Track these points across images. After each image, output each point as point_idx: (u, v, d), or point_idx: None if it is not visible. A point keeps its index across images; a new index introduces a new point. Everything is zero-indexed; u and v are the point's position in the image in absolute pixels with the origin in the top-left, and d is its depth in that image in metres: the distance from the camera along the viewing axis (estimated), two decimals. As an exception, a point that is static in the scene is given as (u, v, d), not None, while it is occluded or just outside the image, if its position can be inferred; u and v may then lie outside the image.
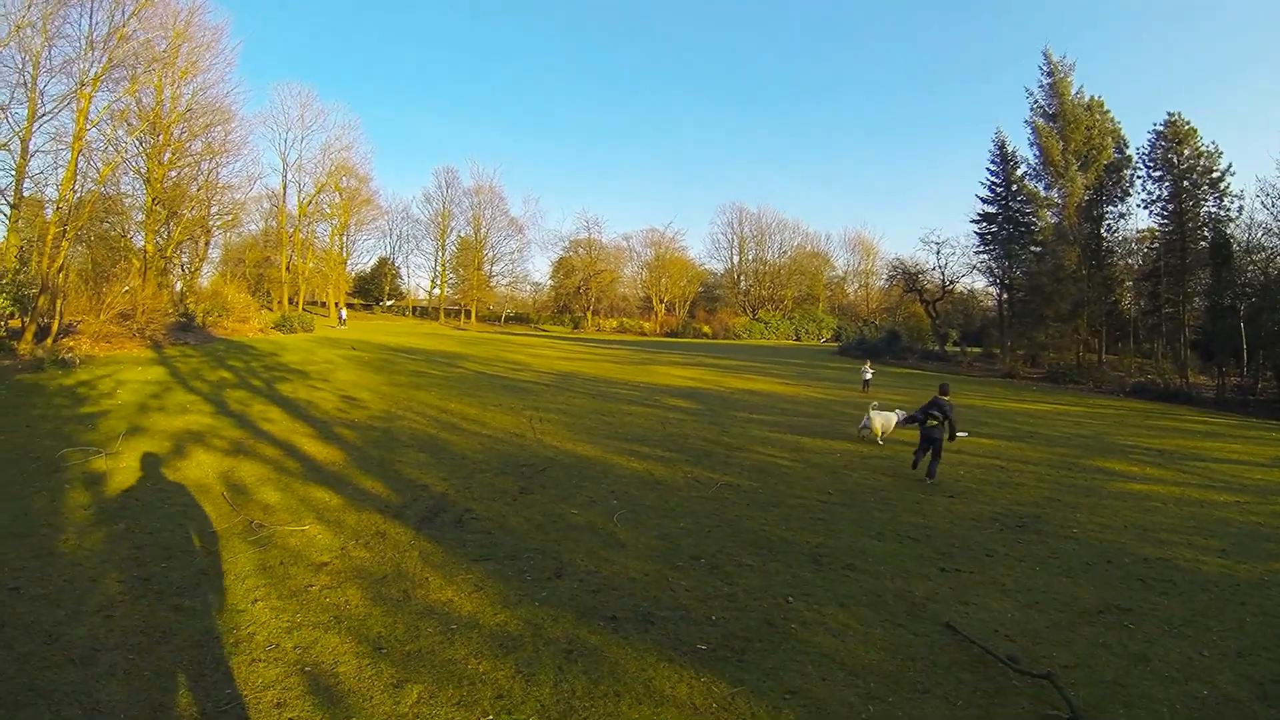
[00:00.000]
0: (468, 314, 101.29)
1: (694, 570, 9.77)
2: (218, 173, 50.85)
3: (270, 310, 60.50)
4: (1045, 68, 58.32)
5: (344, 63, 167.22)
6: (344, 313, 70.98)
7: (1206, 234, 49.11)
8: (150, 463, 13.74)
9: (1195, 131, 50.39)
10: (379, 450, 16.11)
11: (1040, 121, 58.21)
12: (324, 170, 74.92)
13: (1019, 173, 61.64)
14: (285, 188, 74.21)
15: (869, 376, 36.31)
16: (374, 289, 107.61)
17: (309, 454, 15.36)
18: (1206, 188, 49.63)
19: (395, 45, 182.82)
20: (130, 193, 42.93)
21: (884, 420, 20.52)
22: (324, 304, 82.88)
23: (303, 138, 75.39)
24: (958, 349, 71.32)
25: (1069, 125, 56.33)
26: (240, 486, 12.65)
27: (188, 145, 45.00)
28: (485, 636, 7.42)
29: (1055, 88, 57.52)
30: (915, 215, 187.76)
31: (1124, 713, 6.63)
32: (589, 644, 7.38)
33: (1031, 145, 59.27)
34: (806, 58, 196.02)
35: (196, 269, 58.02)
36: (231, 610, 7.72)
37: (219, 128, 47.28)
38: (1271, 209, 44.26)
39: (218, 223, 55.22)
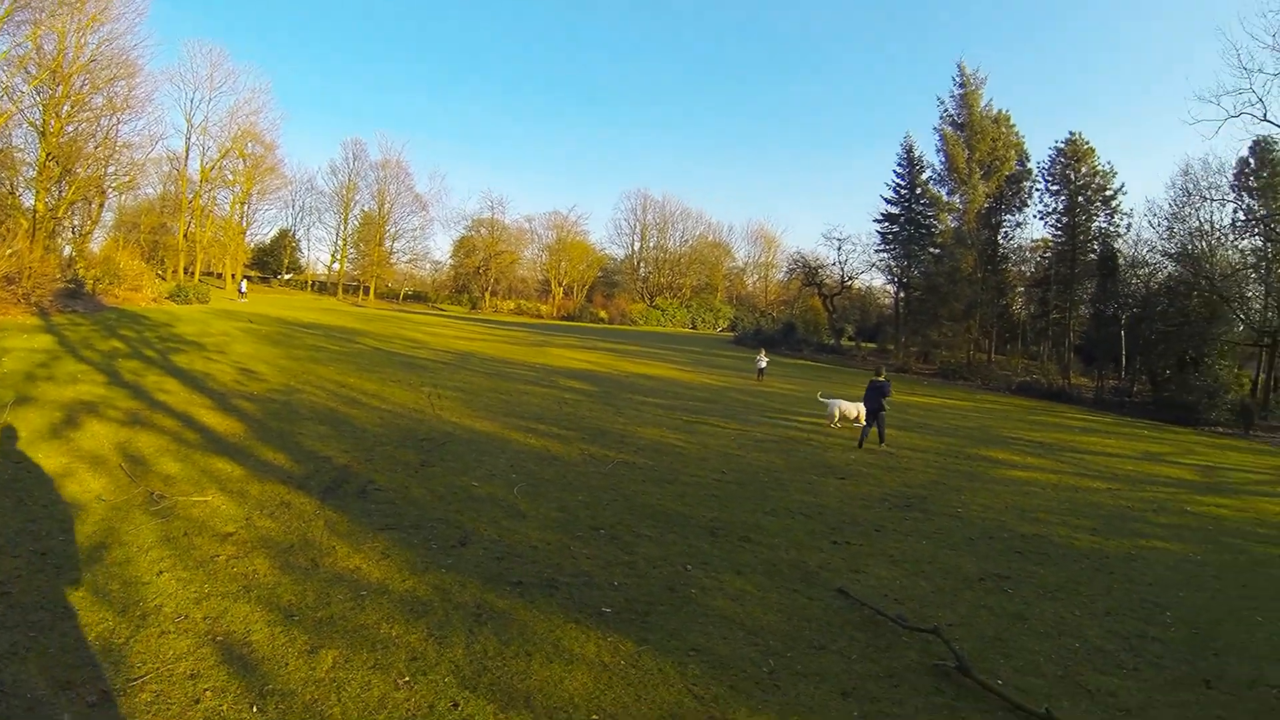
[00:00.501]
0: (366, 290, 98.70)
1: (594, 540, 10.02)
2: (118, 130, 47.69)
3: (165, 280, 57.19)
4: (958, 79, 61.40)
5: (259, 21, 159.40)
6: (244, 285, 67.80)
7: (1096, 247, 52.79)
8: (41, 434, 12.88)
9: (1093, 151, 54.14)
10: (279, 423, 15.76)
11: (948, 130, 61.27)
12: (229, 135, 71.66)
13: (924, 177, 64.59)
14: (188, 151, 70.55)
15: (764, 365, 37.25)
16: (273, 261, 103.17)
17: (208, 425, 14.86)
18: (1099, 204, 53.49)
19: (313, 9, 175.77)
20: (22, 146, 40.23)
21: (857, 409, 21.47)
22: (220, 275, 79.14)
23: (210, 98, 69.59)
24: (853, 343, 73.67)
25: (976, 135, 59.40)
26: (138, 458, 12.13)
27: (89, 98, 42.20)
28: (395, 602, 7.48)
29: (966, 99, 60.56)
30: (819, 211, 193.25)
31: (1004, 662, 7.23)
32: (497, 607, 7.52)
33: (938, 151, 62.55)
34: (717, 51, 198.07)
35: (88, 232, 54.46)
36: (136, 583, 7.47)
37: (123, 82, 44.49)
38: (1156, 227, 48.54)
39: (114, 184, 51.61)
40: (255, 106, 73.85)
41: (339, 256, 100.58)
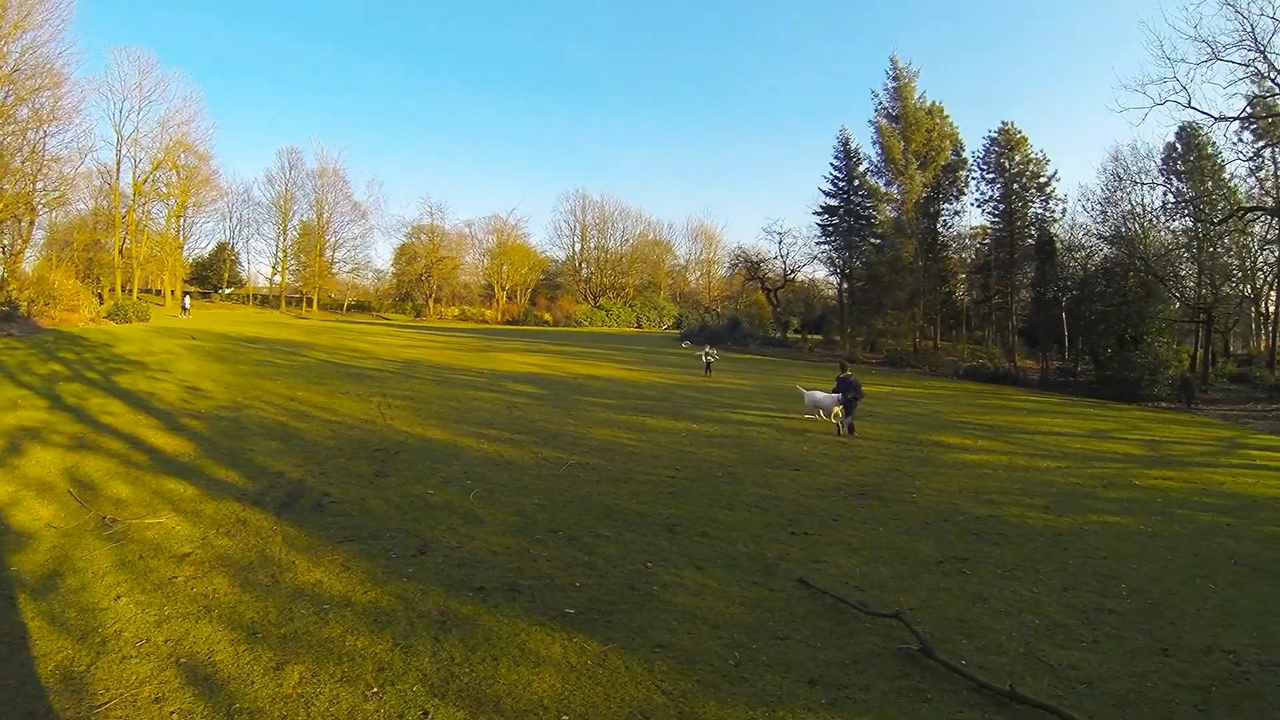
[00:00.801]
0: (309, 302, 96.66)
1: (553, 542, 10.00)
2: (45, 144, 45.76)
3: (102, 298, 55.38)
4: (891, 72, 62.92)
5: (187, 29, 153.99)
6: (187, 301, 65.47)
7: (1033, 232, 54.53)
8: (-16, 463, 12.62)
9: (1026, 140, 56.09)
10: (229, 440, 15.42)
11: (884, 122, 62.66)
12: (161, 146, 69.35)
13: (861, 169, 66.06)
14: (119, 163, 68.06)
15: (711, 360, 37.45)
16: (212, 276, 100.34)
17: (157, 446, 14.49)
18: (1034, 191, 55.44)
19: (241, 18, 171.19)
20: (-56, 163, 38.13)
21: (834, 399, 21.60)
22: (159, 291, 76.74)
23: (140, 108, 68.50)
24: (799, 336, 74.52)
25: (910, 127, 60.82)
26: (87, 482, 11.82)
27: (14, 110, 40.53)
28: (359, 613, 7.41)
29: (900, 91, 61.97)
30: (759, 206, 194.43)
31: (967, 642, 7.34)
32: (461, 614, 7.49)
33: (874, 143, 64.02)
34: (651, 50, 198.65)
35: (19, 252, 51.83)
36: (94, 609, 7.29)
37: (49, 92, 42.69)
38: (1090, 212, 51.14)
39: (44, 200, 49.32)
40: (187, 115, 71.51)
41: (280, 269, 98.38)
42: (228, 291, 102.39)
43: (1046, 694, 6.31)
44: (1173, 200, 49.15)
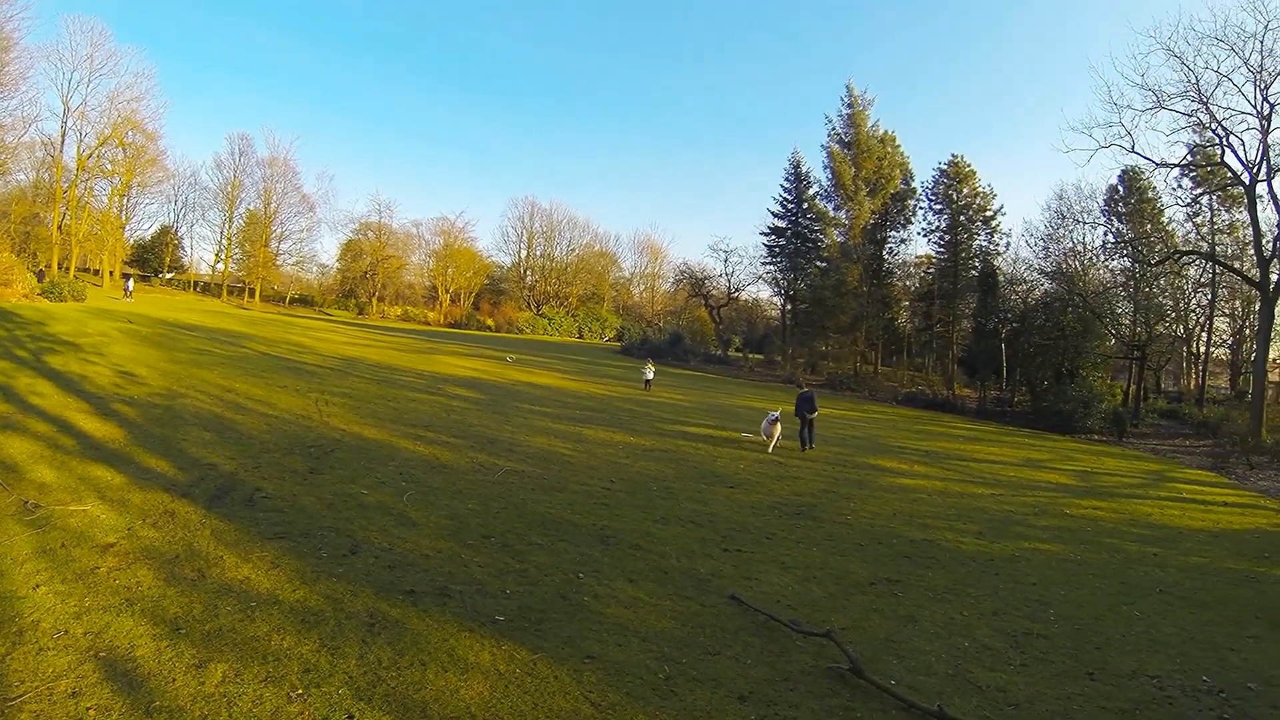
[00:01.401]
0: (252, 293, 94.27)
1: (485, 548, 9.92)
2: None
3: (42, 276, 53.24)
4: (846, 99, 64.13)
5: (145, 6, 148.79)
6: (130, 284, 63.60)
7: (977, 264, 56.22)
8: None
9: (974, 173, 57.92)
10: (162, 428, 14.96)
11: (836, 147, 63.90)
12: (109, 121, 66.01)
13: (811, 192, 67.18)
14: (64, 136, 65.18)
15: (650, 376, 37.60)
16: (153, 259, 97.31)
17: (86, 431, 14.00)
18: (980, 224, 57.24)
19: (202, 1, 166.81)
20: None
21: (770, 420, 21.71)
22: (97, 272, 74.11)
23: (90, 80, 64.36)
24: (740, 354, 74.95)
25: (862, 154, 62.18)
26: (10, 464, 11.36)
27: None
28: (286, 612, 7.28)
29: (853, 118, 63.24)
30: (706, 223, 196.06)
31: (897, 663, 7.44)
32: (390, 616, 7.41)
33: (825, 168, 65.24)
34: (608, 61, 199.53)
35: None
36: (10, 597, 7.03)
37: None
38: (1033, 247, 53.04)
39: None
40: (138, 92, 68.73)
41: (223, 256, 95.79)
42: (169, 277, 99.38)
43: (974, 715, 6.43)
44: (1113, 240, 51.11)
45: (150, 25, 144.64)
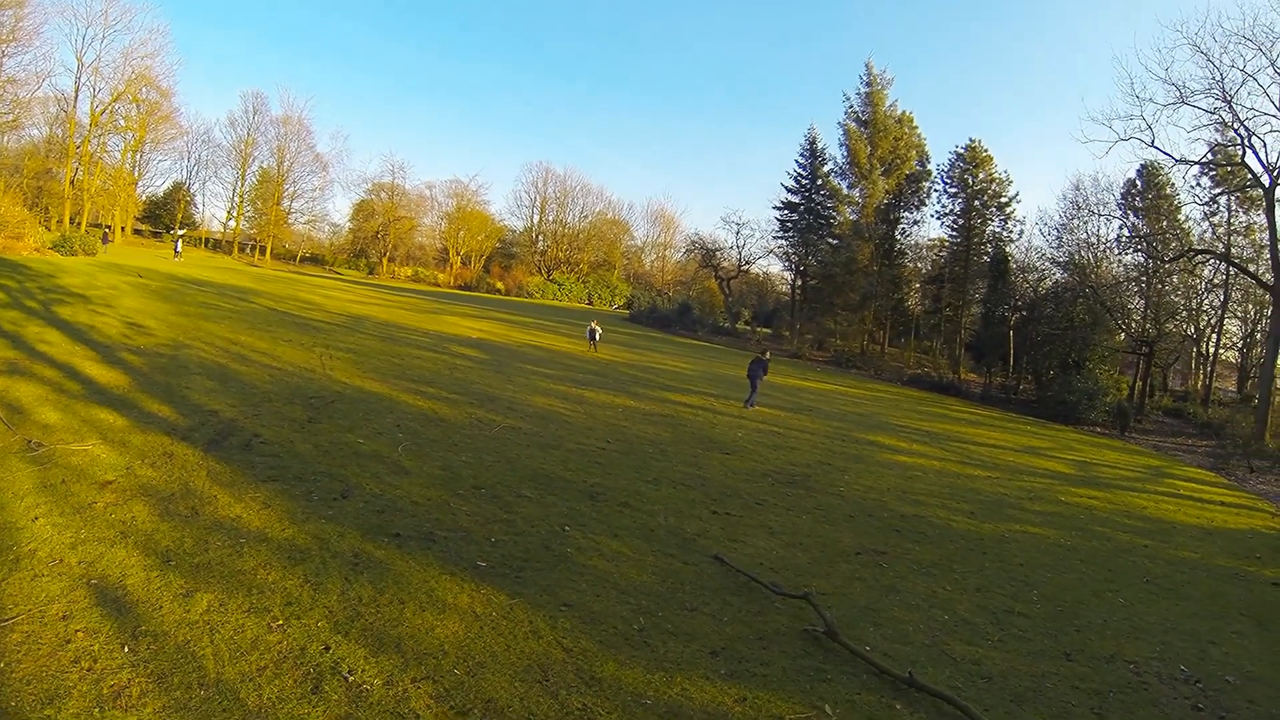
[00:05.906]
0: (263, 250, 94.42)
1: (474, 498, 9.98)
2: (2, 64, 44.26)
3: (48, 229, 53.15)
4: (865, 78, 62.99)
5: None
6: (179, 245, 63.39)
7: (989, 250, 55.49)
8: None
9: (991, 159, 56.96)
10: (166, 376, 15.00)
11: (853, 125, 62.96)
12: (123, 77, 65.13)
13: (826, 169, 66.34)
14: (78, 91, 64.09)
15: (597, 332, 37.47)
16: (165, 215, 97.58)
17: (91, 377, 14.05)
18: (994, 209, 56.35)
19: None
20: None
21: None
22: (109, 228, 74.52)
23: (104, 36, 63.87)
24: (748, 327, 74.83)
25: (879, 133, 61.27)
26: (16, 406, 11.47)
27: None
28: (274, 549, 7.41)
29: (872, 97, 62.22)
30: (719, 195, 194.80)
31: (874, 630, 7.43)
32: (374, 557, 7.51)
33: (841, 145, 64.17)
34: (629, 32, 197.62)
35: None
36: (10, 528, 7.19)
37: (10, 11, 41.09)
38: (1047, 236, 52.20)
39: None
40: (152, 49, 68.22)
41: (235, 214, 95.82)
42: (181, 233, 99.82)
43: (946, 684, 6.41)
44: (1128, 234, 50.43)
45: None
